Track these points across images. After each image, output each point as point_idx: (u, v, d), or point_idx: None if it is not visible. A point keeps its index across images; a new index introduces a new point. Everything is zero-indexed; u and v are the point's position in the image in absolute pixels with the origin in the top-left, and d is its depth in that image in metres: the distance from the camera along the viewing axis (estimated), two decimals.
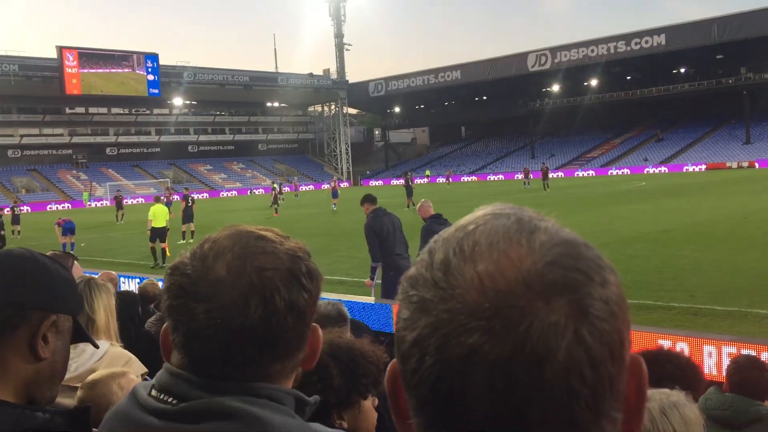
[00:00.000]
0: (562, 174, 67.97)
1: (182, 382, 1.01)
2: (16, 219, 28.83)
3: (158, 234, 18.29)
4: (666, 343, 5.83)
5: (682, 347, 5.97)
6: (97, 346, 1.85)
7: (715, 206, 25.10)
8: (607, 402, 0.52)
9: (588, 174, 67.54)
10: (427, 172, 73.44)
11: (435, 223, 9.09)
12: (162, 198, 21.00)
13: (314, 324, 1.10)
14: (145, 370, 2.81)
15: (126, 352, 2.81)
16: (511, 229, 0.55)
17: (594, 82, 74.11)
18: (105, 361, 2.60)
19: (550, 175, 47.84)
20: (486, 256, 0.53)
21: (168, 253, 18.30)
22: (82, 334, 1.41)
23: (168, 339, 1.06)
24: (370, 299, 8.92)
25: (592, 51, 67.90)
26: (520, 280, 0.51)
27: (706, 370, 5.84)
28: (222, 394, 0.99)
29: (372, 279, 9.89)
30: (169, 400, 1.00)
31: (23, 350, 1.26)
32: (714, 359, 5.90)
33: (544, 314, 0.50)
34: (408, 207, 32.10)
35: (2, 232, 24.17)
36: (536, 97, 78.78)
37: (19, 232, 28.62)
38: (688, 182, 42.53)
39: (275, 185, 40.19)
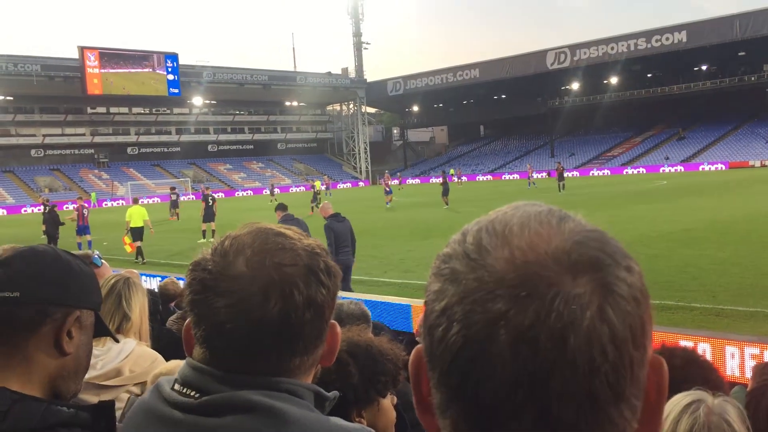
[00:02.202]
0: (578, 173, 67.43)
1: (204, 376, 1.03)
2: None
3: (137, 233, 19.77)
4: (688, 344, 5.77)
5: (704, 348, 5.91)
6: (117, 340, 1.87)
7: (738, 205, 24.77)
8: (628, 387, 0.53)
9: (604, 173, 66.96)
10: (451, 171, 73.31)
11: (334, 221, 10.90)
12: (141, 200, 21.97)
13: (333, 321, 1.12)
14: None
15: (152, 351, 2.78)
16: (542, 214, 0.58)
17: (614, 80, 73.43)
18: (131, 359, 2.59)
19: (566, 175, 46.94)
20: (518, 235, 0.56)
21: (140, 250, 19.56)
22: (104, 328, 1.44)
23: (190, 334, 1.08)
24: (392, 298, 8.96)
25: (612, 48, 67.28)
26: (549, 254, 0.54)
27: (728, 372, 5.78)
28: (243, 387, 1.01)
29: None
30: (192, 393, 1.02)
31: (48, 346, 1.28)
32: (737, 360, 5.83)
33: (570, 286, 0.52)
34: (446, 205, 32.13)
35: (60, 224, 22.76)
36: (555, 96, 78.26)
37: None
38: (710, 181, 42.03)
39: (315, 183, 41.67)
